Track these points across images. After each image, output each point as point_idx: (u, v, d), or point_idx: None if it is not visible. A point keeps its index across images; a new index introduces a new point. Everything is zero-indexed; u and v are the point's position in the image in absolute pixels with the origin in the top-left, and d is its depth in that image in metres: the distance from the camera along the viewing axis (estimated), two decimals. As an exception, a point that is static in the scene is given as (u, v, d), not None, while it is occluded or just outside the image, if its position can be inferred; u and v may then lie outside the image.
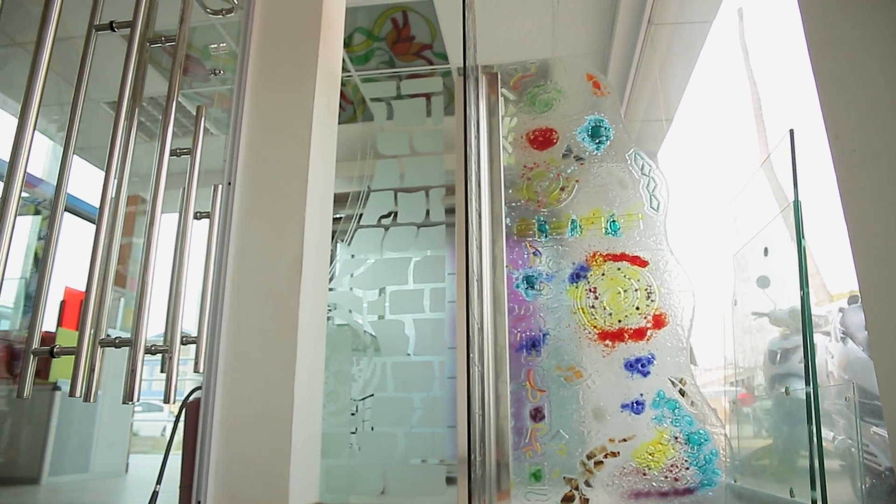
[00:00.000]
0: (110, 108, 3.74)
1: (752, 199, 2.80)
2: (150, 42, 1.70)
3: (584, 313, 1.87)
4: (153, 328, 1.51)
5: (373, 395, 2.10)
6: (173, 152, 1.65)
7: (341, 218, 2.26)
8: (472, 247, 1.86)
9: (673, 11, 3.20)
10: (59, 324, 4.16)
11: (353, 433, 2.09)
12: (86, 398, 1.43)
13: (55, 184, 1.51)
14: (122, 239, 1.58)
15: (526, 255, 1.98)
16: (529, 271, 1.96)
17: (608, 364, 1.80)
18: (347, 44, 3.07)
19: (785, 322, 2.53)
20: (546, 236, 1.98)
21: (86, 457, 3.70)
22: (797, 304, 2.08)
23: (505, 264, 1.98)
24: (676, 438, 1.69)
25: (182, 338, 1.58)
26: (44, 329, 1.50)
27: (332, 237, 1.95)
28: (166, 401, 1.52)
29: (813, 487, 1.84)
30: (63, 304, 4.17)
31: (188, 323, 1.60)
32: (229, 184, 1.70)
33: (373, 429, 2.08)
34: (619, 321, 1.83)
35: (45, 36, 1.33)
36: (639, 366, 1.78)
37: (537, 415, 1.83)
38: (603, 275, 1.89)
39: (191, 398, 1.74)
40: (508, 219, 2.02)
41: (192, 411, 1.65)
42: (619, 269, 1.88)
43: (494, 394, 1.88)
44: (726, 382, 3.08)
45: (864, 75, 1.33)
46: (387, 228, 2.24)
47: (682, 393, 1.73)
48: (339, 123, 2.01)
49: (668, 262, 1.84)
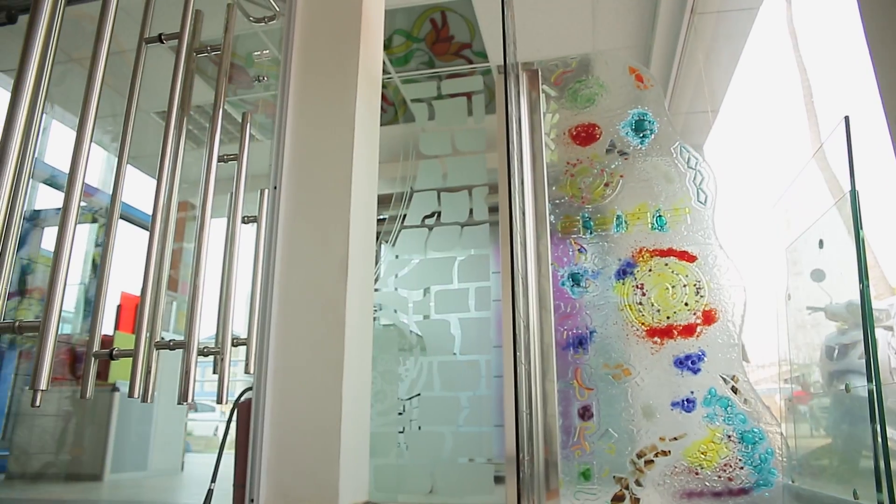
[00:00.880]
0: (159, 118, 3.85)
1: (804, 190, 2.71)
2: (197, 52, 1.75)
3: (631, 310, 1.85)
4: (204, 331, 1.55)
5: (419, 395, 2.11)
6: (221, 158, 1.69)
7: (385, 219, 2.28)
8: (517, 245, 1.85)
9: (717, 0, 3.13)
10: (117, 327, 4.32)
11: (401, 432, 2.10)
12: (143, 399, 1.47)
13: (111, 192, 1.56)
14: (173, 244, 1.62)
15: (571, 253, 1.96)
16: (575, 268, 1.94)
17: (657, 361, 1.77)
18: (387, 46, 3.09)
19: (842, 316, 2.44)
20: (591, 233, 1.96)
21: (144, 455, 3.82)
22: (855, 298, 2.00)
23: (550, 262, 1.96)
24: (729, 437, 1.65)
25: (233, 340, 1.62)
26: (102, 333, 1.55)
27: (377, 238, 1.97)
28: (219, 401, 1.56)
29: (879, 489, 1.76)
30: (119, 309, 4.32)
31: (238, 325, 1.64)
32: (275, 188, 1.73)
33: (420, 428, 2.09)
34: (668, 318, 1.80)
35: (99, 51, 1.37)
36: (689, 363, 1.75)
37: (585, 413, 1.82)
38: (650, 271, 1.86)
39: (242, 398, 1.78)
40: (552, 216, 2.00)
41: (244, 411, 1.68)
42: (666, 264, 1.85)
43: (542, 392, 1.87)
44: (780, 379, 2.99)
45: (925, 58, 1.27)
46: (431, 228, 2.24)
47: (735, 390, 1.68)
48: (380, 125, 2.03)
49: (718, 257, 1.80)
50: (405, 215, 2.27)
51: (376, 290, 2.22)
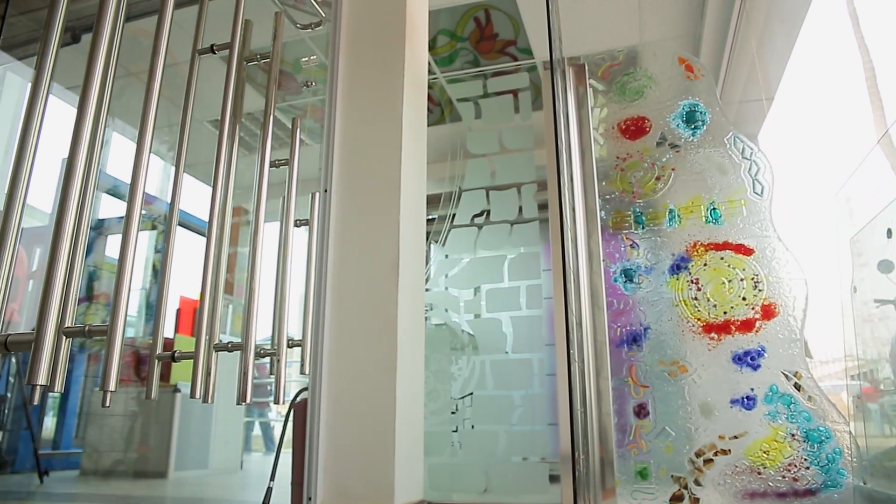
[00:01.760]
0: (212, 126, 3.97)
1: (868, 178, 2.60)
2: (247, 61, 1.79)
3: (686, 306, 1.81)
4: (260, 333, 1.59)
5: (472, 394, 2.12)
6: (272, 164, 1.73)
7: (434, 219, 2.29)
8: (568, 242, 1.84)
9: (770, -17, 3.02)
10: (177, 330, 4.47)
11: (455, 431, 2.11)
12: (204, 399, 1.52)
13: (168, 200, 1.62)
14: (228, 249, 1.67)
15: (623, 248, 1.93)
16: (627, 264, 1.91)
17: (714, 358, 1.73)
18: (431, 46, 3.11)
19: (913, 309, 2.34)
20: (643, 228, 1.93)
21: (205, 454, 3.94)
22: (927, 289, 1.91)
23: (601, 258, 1.94)
24: (793, 436, 1.59)
25: (288, 341, 1.65)
26: (164, 336, 1.61)
27: (427, 238, 1.98)
28: (276, 401, 1.60)
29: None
30: (179, 312, 4.48)
31: (293, 327, 1.68)
32: (325, 191, 1.76)
33: (473, 427, 2.09)
34: (725, 313, 1.76)
35: (155, 64, 1.42)
36: (748, 359, 1.70)
37: (641, 411, 1.79)
38: (705, 265, 1.82)
39: (298, 399, 1.82)
40: (603, 212, 1.98)
41: (300, 411, 1.72)
42: (722, 258, 1.80)
43: (596, 390, 1.85)
44: (847, 376, 2.87)
45: None
46: (480, 227, 2.24)
47: (798, 387, 1.63)
48: (427, 126, 2.04)
49: (776, 250, 1.75)
50: (454, 215, 2.27)
51: (427, 290, 2.23)
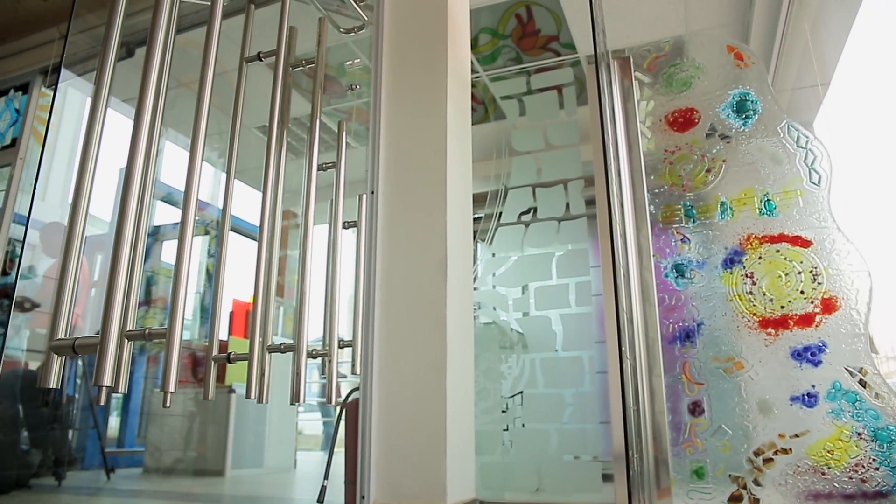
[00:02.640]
0: (260, 132, 4.06)
1: (934, 163, 2.48)
2: (293, 67, 1.82)
3: (741, 300, 1.76)
4: (310, 334, 1.62)
5: (521, 393, 2.11)
6: (320, 167, 1.76)
7: (481, 218, 2.29)
8: (616, 238, 1.81)
9: (823, -38, 2.91)
10: (230, 332, 4.59)
11: (506, 430, 2.11)
12: (259, 400, 1.56)
13: (219, 206, 1.66)
14: (279, 252, 1.70)
15: (673, 243, 1.89)
16: (678, 259, 1.88)
17: (772, 353, 1.68)
18: (474, 45, 3.11)
19: None
20: (694, 221, 1.89)
21: (260, 453, 4.04)
22: None
23: (651, 253, 1.91)
24: (860, 435, 1.53)
25: (339, 341, 1.68)
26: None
27: (473, 237, 1.98)
28: (328, 401, 1.63)
29: None
30: (231, 315, 4.60)
31: (343, 328, 1.70)
32: (372, 192, 1.78)
33: (524, 426, 2.08)
34: (782, 307, 1.70)
35: (206, 73, 1.46)
36: (808, 355, 1.64)
37: (696, 409, 1.75)
38: (760, 258, 1.77)
39: (350, 398, 1.84)
40: (652, 206, 1.95)
41: (352, 411, 1.74)
42: (777, 251, 1.75)
43: (649, 388, 1.82)
44: (915, 371, 2.75)
45: None
46: (527, 225, 2.23)
47: (863, 384, 1.57)
48: (472, 124, 2.04)
49: (836, 241, 1.69)
50: (501, 213, 2.27)
51: (475, 288, 2.23)
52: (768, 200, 1.80)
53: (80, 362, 3.62)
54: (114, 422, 4.42)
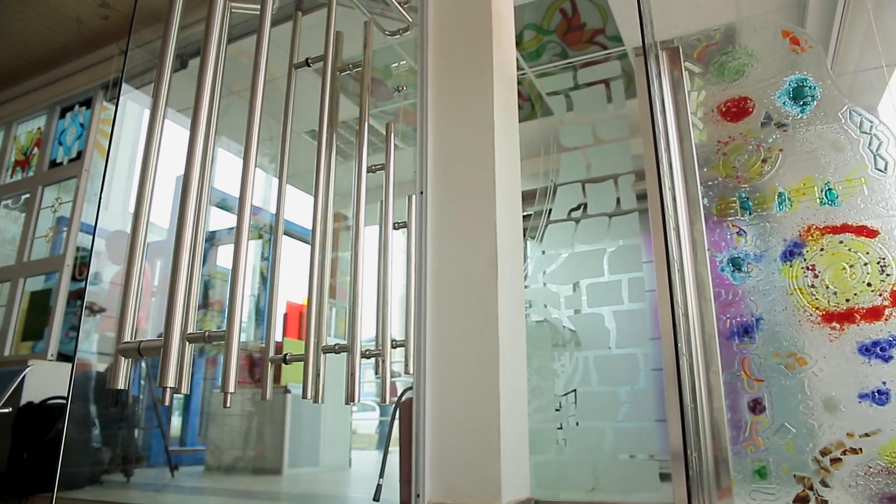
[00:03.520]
0: (308, 137, 4.13)
1: None
2: (340, 71, 1.85)
3: (802, 294, 1.71)
4: (362, 334, 1.65)
5: (574, 391, 2.09)
6: (369, 169, 1.78)
7: (530, 215, 2.27)
8: (670, 232, 1.78)
9: (884, -62, 2.78)
10: (284, 333, 4.69)
11: (559, 429, 2.09)
12: (315, 399, 1.59)
13: (271, 210, 1.70)
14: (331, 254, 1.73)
15: (729, 236, 1.85)
16: (734, 253, 1.83)
17: (837, 349, 1.63)
18: (518, 42, 3.09)
19: None
20: (750, 214, 1.84)
21: (315, 452, 4.11)
22: None
23: (706, 247, 1.86)
24: (938, 435, 1.47)
25: (391, 342, 1.70)
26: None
27: (523, 235, 1.97)
28: (382, 401, 1.65)
29: None
30: (285, 317, 4.70)
31: (395, 328, 1.72)
32: (421, 193, 1.79)
33: (578, 424, 2.06)
34: (847, 300, 1.64)
35: (257, 81, 1.50)
36: (877, 350, 1.58)
37: (756, 406, 1.71)
38: (822, 250, 1.71)
39: (404, 398, 1.86)
40: (706, 199, 1.91)
41: (406, 410, 1.76)
42: (841, 241, 1.69)
43: (706, 385, 1.78)
44: None
45: None
46: (577, 221, 2.20)
47: (939, 380, 1.50)
48: (519, 122, 2.03)
49: (906, 230, 1.62)
50: (550, 210, 2.25)
51: (525, 286, 2.22)
52: (830, 189, 1.74)
53: (144, 364, 3.77)
54: (176, 421, 4.58)
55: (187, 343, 1.32)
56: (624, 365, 2.02)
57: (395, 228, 1.77)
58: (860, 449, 1.53)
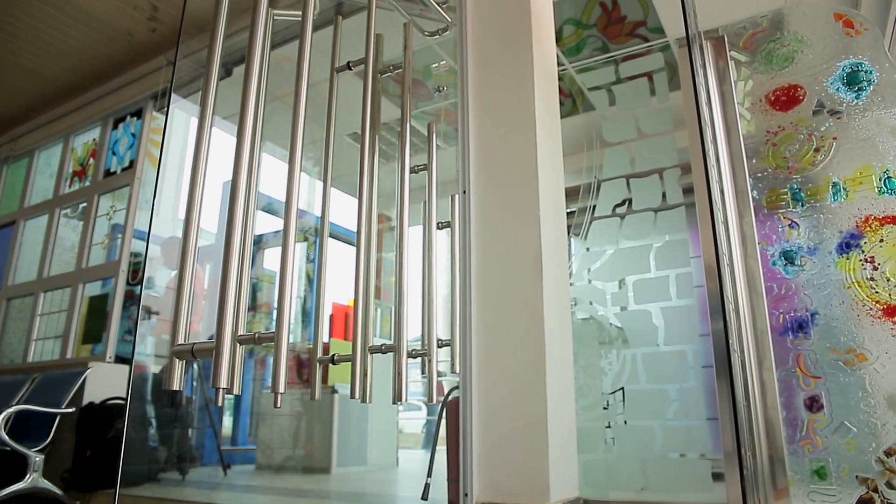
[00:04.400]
0: (350, 139, 4.18)
1: None
2: (381, 73, 1.87)
3: (860, 287, 1.65)
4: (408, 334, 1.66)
5: (622, 389, 2.06)
6: (412, 170, 1.79)
7: (574, 212, 2.25)
8: (718, 226, 1.74)
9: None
10: (330, 334, 4.76)
11: (608, 427, 2.07)
12: (363, 399, 1.61)
13: (315, 213, 1.73)
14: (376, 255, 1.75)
15: (780, 229, 1.80)
16: (786, 246, 1.78)
17: (901, 344, 1.57)
18: (558, 37, 3.07)
19: None
20: (802, 205, 1.79)
21: (363, 451, 4.16)
22: None
23: (757, 241, 1.82)
24: None
25: (437, 341, 1.70)
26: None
27: (567, 232, 1.96)
28: (429, 400, 1.66)
29: None
30: (331, 318, 4.77)
31: (440, 327, 1.73)
32: (464, 192, 1.79)
33: (626, 422, 2.04)
34: (911, 293, 1.58)
35: (300, 85, 1.52)
36: (944, 344, 1.52)
37: (813, 404, 1.65)
38: (881, 241, 1.65)
39: (450, 397, 1.86)
40: (755, 191, 1.86)
41: (452, 410, 1.76)
42: (902, 232, 1.63)
43: (759, 382, 1.73)
44: None
45: None
46: (622, 217, 2.17)
47: None
48: (560, 118, 2.01)
49: (973, 219, 1.55)
50: (594, 206, 2.22)
51: (570, 284, 2.20)
52: (889, 178, 1.68)
53: (196, 366, 3.88)
54: (227, 421, 4.69)
55: (238, 345, 1.35)
56: (673, 362, 1.99)
57: (438, 228, 1.77)
58: (927, 448, 1.47)
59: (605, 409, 2.08)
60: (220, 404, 1.48)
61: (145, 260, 3.84)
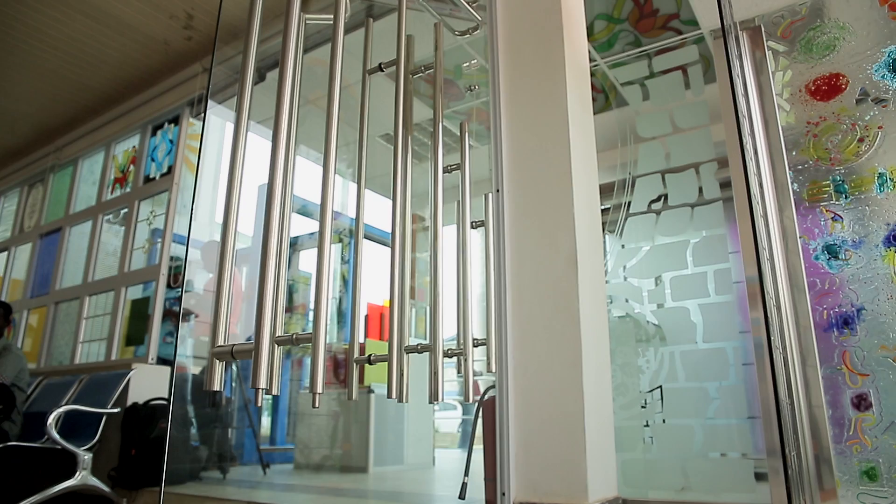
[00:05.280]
0: (383, 140, 4.21)
1: None
2: (413, 74, 1.87)
3: (910, 281, 1.60)
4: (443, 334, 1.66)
5: (660, 387, 2.03)
6: (445, 169, 1.79)
7: (609, 209, 2.23)
8: (757, 220, 1.70)
9: None
10: (366, 334, 4.80)
11: (646, 426, 2.04)
12: (400, 399, 1.61)
13: (349, 215, 1.74)
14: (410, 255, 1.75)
15: (823, 223, 1.75)
16: (830, 239, 1.73)
17: (953, 340, 1.51)
18: (589, 33, 3.03)
19: None
20: (846, 197, 1.73)
21: (399, 451, 4.19)
22: None
23: (798, 235, 1.77)
24: None
25: (472, 340, 1.70)
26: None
27: (602, 229, 1.94)
28: (465, 399, 1.66)
29: None
30: (367, 318, 4.80)
31: (475, 326, 1.73)
32: (498, 191, 1.79)
33: (664, 421, 2.00)
34: (963, 287, 1.52)
35: (333, 88, 1.53)
36: None
37: (861, 403, 1.61)
38: (931, 233, 1.59)
39: (486, 396, 1.86)
40: (795, 184, 1.81)
41: (489, 409, 1.76)
42: (953, 223, 1.57)
43: (803, 380, 1.69)
44: None
45: None
46: (658, 213, 2.14)
47: None
48: (593, 114, 1.99)
49: None
50: (629, 202, 2.19)
51: (606, 281, 2.18)
52: (938, 168, 1.62)
53: (234, 367, 3.95)
54: (265, 421, 4.76)
55: (276, 346, 1.37)
56: (712, 360, 1.95)
57: (472, 227, 1.77)
58: (983, 447, 1.42)
59: (643, 407, 2.05)
60: (259, 405, 1.50)
61: (185, 263, 3.93)
